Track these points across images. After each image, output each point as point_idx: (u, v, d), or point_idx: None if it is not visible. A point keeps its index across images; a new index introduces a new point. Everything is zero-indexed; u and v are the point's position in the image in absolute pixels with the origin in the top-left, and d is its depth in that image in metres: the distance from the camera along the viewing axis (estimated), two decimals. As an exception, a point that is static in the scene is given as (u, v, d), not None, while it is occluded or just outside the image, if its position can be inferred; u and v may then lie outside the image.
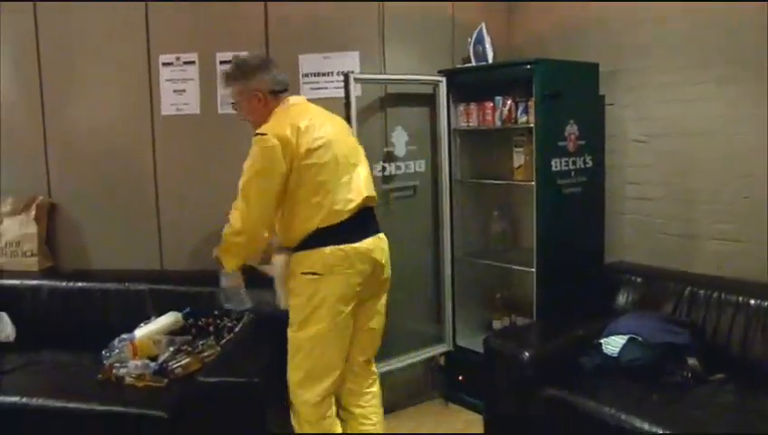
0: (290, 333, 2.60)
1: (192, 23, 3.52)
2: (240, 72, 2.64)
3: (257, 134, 2.50)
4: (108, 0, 3.50)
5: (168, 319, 3.17)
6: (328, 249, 2.50)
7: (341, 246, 2.51)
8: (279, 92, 2.65)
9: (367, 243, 2.58)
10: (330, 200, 2.50)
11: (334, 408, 2.68)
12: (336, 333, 2.57)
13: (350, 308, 2.57)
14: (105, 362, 2.98)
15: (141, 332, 3.10)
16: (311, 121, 2.55)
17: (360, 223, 2.59)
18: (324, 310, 2.52)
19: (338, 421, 2.70)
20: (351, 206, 2.54)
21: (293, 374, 2.60)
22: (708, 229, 3.14)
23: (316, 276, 2.51)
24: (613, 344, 2.85)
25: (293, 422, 2.66)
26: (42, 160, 3.69)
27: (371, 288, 2.66)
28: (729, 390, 2.63)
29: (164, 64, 3.54)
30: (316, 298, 2.52)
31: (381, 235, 2.68)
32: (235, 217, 2.50)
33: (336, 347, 2.59)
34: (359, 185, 2.60)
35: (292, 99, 2.68)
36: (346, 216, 2.53)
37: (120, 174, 3.62)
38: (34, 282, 3.53)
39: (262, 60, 2.71)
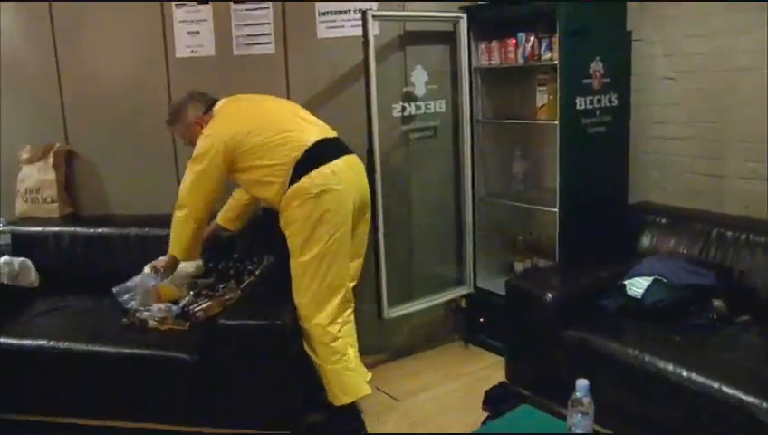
0: (293, 262, 2.75)
1: (204, -39, 3.42)
2: (175, 114, 2.98)
3: (203, 133, 2.81)
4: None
5: (189, 266, 3.16)
6: (314, 172, 2.67)
7: (325, 165, 2.69)
8: (210, 107, 2.91)
9: (344, 159, 2.76)
10: (289, 144, 2.71)
11: (348, 328, 2.82)
12: (337, 249, 2.72)
13: (347, 225, 2.75)
14: (117, 296, 3.04)
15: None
16: (239, 110, 2.87)
17: (330, 146, 2.79)
18: (323, 227, 2.68)
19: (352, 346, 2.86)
20: (312, 137, 2.74)
21: (302, 298, 2.73)
22: (737, 168, 3.05)
23: (310, 198, 2.66)
24: (637, 286, 2.81)
25: (306, 348, 2.78)
26: (57, 107, 3.66)
27: (361, 210, 2.86)
28: (755, 331, 2.59)
29: (177, 5, 3.46)
30: (313, 216, 2.67)
31: (353, 156, 2.84)
32: (180, 196, 2.82)
33: (339, 263, 2.75)
34: (305, 129, 2.79)
35: (217, 105, 2.91)
36: (312, 143, 2.72)
37: (136, 118, 3.58)
38: (56, 228, 3.55)
39: (187, 94, 3.00)
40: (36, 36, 3.62)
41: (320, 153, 2.72)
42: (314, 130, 2.80)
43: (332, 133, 2.86)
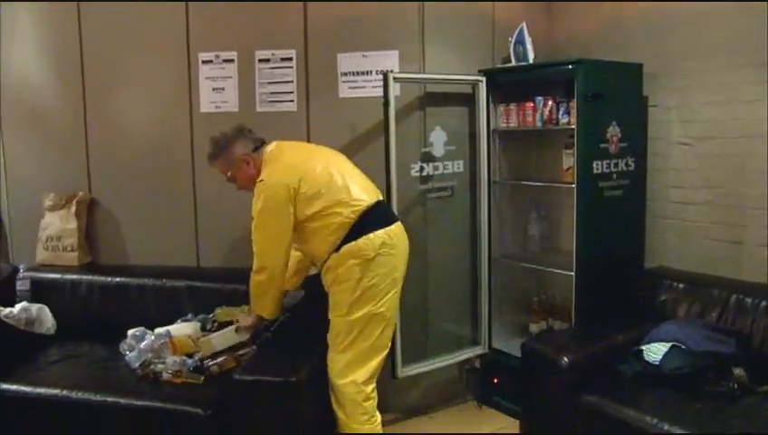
0: (335, 318, 2.76)
1: (231, 21, 3.53)
2: (220, 148, 2.87)
3: (260, 181, 2.74)
4: (149, 0, 3.55)
5: (187, 328, 3.17)
6: (372, 235, 2.70)
7: (382, 230, 2.72)
8: (258, 148, 2.86)
9: (397, 226, 2.82)
10: (348, 202, 2.72)
11: (376, 395, 2.80)
12: (385, 311, 2.74)
13: (397, 289, 2.79)
14: (124, 353, 3.07)
15: (158, 331, 3.12)
16: (297, 155, 2.84)
17: (386, 211, 2.87)
18: (374, 290, 2.70)
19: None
20: (366, 197, 2.76)
21: (341, 356, 2.73)
22: (756, 235, 3.04)
23: (366, 260, 2.67)
24: (654, 352, 2.78)
25: (334, 406, 2.77)
26: (83, 157, 3.74)
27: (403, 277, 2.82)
28: (777, 402, 2.55)
29: (203, 62, 3.56)
30: (366, 278, 2.69)
31: (401, 224, 2.86)
32: (256, 259, 2.76)
33: (386, 326, 2.77)
34: (362, 188, 2.80)
35: (269, 147, 2.87)
36: (370, 204, 2.75)
37: (158, 171, 3.65)
38: (74, 276, 3.59)
39: (234, 129, 2.91)
40: (67, 86, 3.73)
41: (377, 216, 2.75)
42: (369, 189, 2.84)
43: (381, 196, 2.90)
